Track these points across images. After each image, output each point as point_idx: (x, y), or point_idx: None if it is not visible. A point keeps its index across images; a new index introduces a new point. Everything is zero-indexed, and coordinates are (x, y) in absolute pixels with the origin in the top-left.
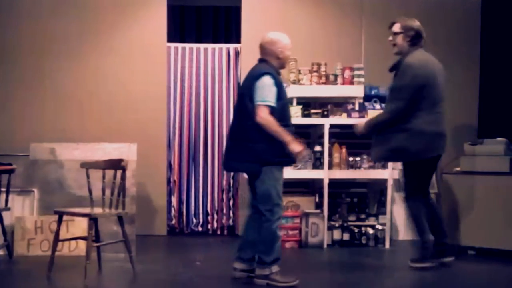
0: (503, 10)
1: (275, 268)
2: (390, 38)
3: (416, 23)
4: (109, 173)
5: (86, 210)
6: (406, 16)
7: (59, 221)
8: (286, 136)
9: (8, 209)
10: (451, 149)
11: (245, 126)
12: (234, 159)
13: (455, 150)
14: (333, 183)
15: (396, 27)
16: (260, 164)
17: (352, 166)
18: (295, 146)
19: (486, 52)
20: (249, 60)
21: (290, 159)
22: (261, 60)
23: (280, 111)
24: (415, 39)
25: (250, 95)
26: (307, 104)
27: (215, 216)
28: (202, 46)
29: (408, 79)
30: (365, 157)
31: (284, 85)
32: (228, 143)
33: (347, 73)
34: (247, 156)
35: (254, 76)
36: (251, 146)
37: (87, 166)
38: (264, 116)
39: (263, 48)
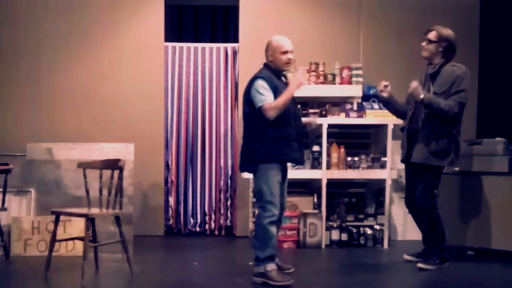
0: (501, 11)
1: (270, 266)
2: (424, 43)
3: (451, 34)
4: (106, 173)
5: (83, 210)
6: (404, 16)
7: (56, 221)
8: (285, 93)
9: (5, 209)
10: None
11: (246, 128)
12: (242, 160)
13: None
14: (331, 183)
15: (432, 35)
16: (257, 163)
17: (351, 166)
18: (294, 84)
19: (484, 52)
20: (247, 60)
21: (289, 157)
22: (263, 64)
23: (283, 112)
24: (447, 50)
25: (247, 99)
26: (305, 104)
27: (213, 217)
28: (199, 45)
29: (467, 86)
30: (363, 157)
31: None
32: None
33: (345, 73)
34: (248, 156)
35: (249, 82)
36: (251, 147)
37: (84, 166)
38: (268, 109)
39: (265, 52)
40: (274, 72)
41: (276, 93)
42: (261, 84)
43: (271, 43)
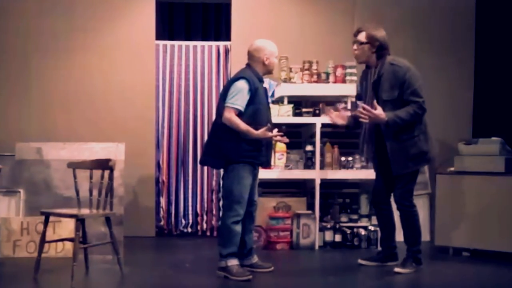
0: (497, 9)
1: (230, 262)
2: (355, 47)
3: (381, 33)
4: (97, 173)
5: (73, 211)
6: (399, 14)
7: (46, 222)
8: (252, 132)
9: None
10: (445, 149)
11: (216, 124)
12: (204, 153)
13: (449, 149)
14: (325, 183)
15: (362, 37)
16: (225, 161)
17: (344, 166)
18: (262, 134)
19: (480, 51)
20: (239, 58)
21: (257, 160)
22: (247, 65)
23: (252, 115)
24: (380, 50)
25: (225, 97)
26: (299, 103)
27: (205, 217)
28: (191, 43)
29: (417, 81)
30: (357, 157)
31: (274, 84)
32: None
33: (339, 71)
34: (213, 151)
35: (232, 79)
36: (217, 143)
37: (74, 166)
38: (227, 117)
39: (250, 54)
40: (256, 74)
41: (256, 95)
42: (241, 86)
43: (266, 47)
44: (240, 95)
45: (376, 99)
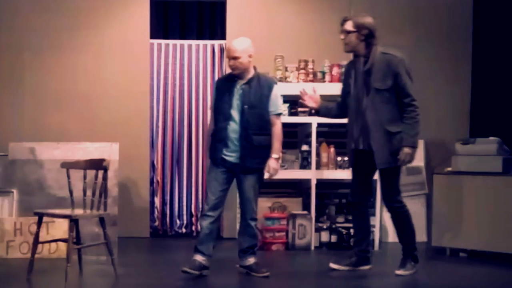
0: (495, 7)
1: (194, 256)
2: (342, 36)
3: (369, 20)
4: (91, 173)
5: (67, 212)
6: (396, 11)
7: (39, 223)
8: (204, 143)
9: None
10: (443, 149)
11: None
12: None
13: (447, 149)
14: (321, 183)
15: (349, 25)
16: None
17: (341, 166)
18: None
19: (478, 50)
20: None
21: (211, 156)
22: None
23: (215, 113)
24: (369, 38)
25: None
26: (294, 103)
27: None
28: (186, 42)
29: (408, 72)
30: None
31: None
32: None
33: (335, 70)
34: None
35: None
36: None
37: (68, 166)
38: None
39: None
40: (232, 75)
41: (217, 93)
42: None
43: None
44: (213, 97)
45: (368, 88)
